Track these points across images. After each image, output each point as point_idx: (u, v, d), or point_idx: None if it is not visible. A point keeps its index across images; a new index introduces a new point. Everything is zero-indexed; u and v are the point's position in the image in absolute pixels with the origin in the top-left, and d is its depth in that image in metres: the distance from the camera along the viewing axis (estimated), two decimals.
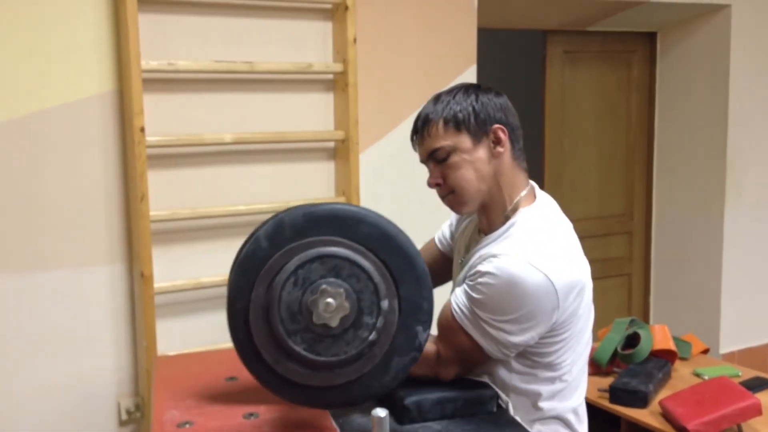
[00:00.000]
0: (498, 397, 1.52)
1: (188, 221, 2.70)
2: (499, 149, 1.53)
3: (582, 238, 1.61)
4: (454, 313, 1.48)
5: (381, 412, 1.15)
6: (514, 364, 1.50)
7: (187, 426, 1.47)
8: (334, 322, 1.29)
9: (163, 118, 2.63)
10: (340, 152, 2.91)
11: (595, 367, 2.66)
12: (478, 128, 1.52)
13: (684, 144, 4.22)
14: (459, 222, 1.81)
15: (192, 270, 2.71)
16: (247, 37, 2.76)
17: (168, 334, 2.68)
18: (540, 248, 1.44)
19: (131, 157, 2.53)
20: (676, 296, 4.35)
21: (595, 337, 2.80)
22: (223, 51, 2.72)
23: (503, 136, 1.53)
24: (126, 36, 2.46)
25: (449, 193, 1.55)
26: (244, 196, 2.79)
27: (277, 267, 1.31)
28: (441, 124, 1.52)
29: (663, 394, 2.50)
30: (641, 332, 2.69)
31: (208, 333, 2.77)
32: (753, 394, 2.31)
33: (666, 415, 2.35)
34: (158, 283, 2.59)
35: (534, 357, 1.49)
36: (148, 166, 2.53)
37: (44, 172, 2.52)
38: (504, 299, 1.41)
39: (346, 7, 2.78)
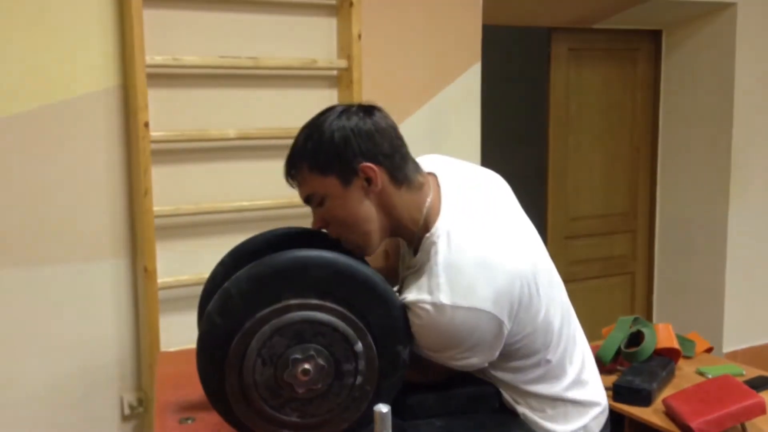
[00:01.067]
0: (500, 394, 1.51)
1: (192, 216, 2.70)
2: (375, 188, 1.38)
3: (586, 236, 1.59)
4: (416, 349, 1.41)
5: (383, 408, 1.14)
6: (496, 361, 1.44)
7: (189, 422, 1.48)
8: (317, 384, 1.27)
9: (167, 114, 2.63)
10: None
11: (599, 365, 2.65)
12: (346, 170, 1.37)
13: (688, 142, 4.21)
14: None
15: (195, 265, 2.71)
16: (251, 32, 2.76)
17: (171, 329, 2.67)
18: (462, 277, 1.33)
19: (135, 152, 2.53)
20: (679, 295, 4.34)
21: (599, 335, 2.80)
22: (227, 46, 2.72)
23: (373, 174, 1.37)
24: (131, 31, 2.46)
25: (345, 242, 1.43)
26: (248, 191, 2.79)
27: (240, 353, 1.26)
28: (306, 169, 1.39)
29: (667, 392, 2.49)
30: (645, 330, 2.68)
31: None
32: (757, 393, 2.30)
33: (670, 414, 2.34)
34: (161, 279, 2.59)
35: (505, 354, 1.43)
36: (152, 161, 2.53)
37: (48, 167, 2.53)
38: (448, 343, 1.35)
39: (351, 3, 2.78)
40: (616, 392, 2.46)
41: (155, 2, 2.58)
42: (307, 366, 1.26)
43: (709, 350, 2.98)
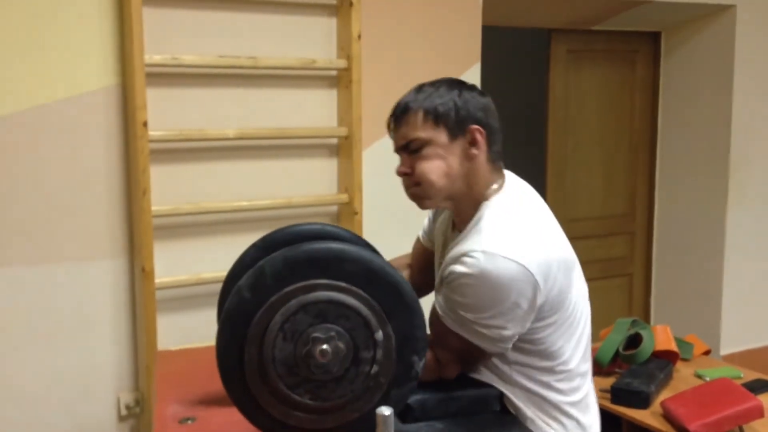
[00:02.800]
0: (502, 396, 1.51)
1: (190, 216, 2.70)
2: (474, 151, 1.49)
3: (584, 237, 1.60)
4: (443, 318, 1.46)
5: (386, 410, 1.14)
6: (511, 356, 1.48)
7: (189, 422, 1.47)
8: (334, 367, 1.28)
9: (166, 113, 2.63)
10: (343, 149, 2.90)
11: (597, 368, 2.65)
12: (457, 125, 1.48)
13: (687, 144, 4.21)
14: (435, 215, 1.79)
15: (193, 265, 2.71)
16: (251, 32, 2.76)
17: (168, 329, 2.67)
18: (507, 236, 1.41)
19: (134, 152, 2.53)
20: (677, 297, 4.34)
21: (597, 337, 2.80)
22: (226, 46, 2.71)
23: (480, 138, 1.49)
24: (130, 30, 2.46)
25: (414, 185, 1.52)
26: (246, 191, 2.78)
27: (263, 325, 1.28)
28: (421, 114, 1.49)
29: (665, 394, 2.50)
30: (643, 333, 2.68)
31: (209, 328, 2.74)
32: (755, 396, 2.30)
33: (667, 416, 2.34)
34: (159, 278, 2.59)
35: (527, 344, 1.47)
36: (151, 161, 2.53)
37: (46, 166, 2.52)
38: (484, 297, 1.39)
39: (351, 3, 2.78)
40: (614, 394, 2.46)
41: (154, 1, 2.58)
42: (326, 347, 1.26)
43: (707, 353, 2.98)
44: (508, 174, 1.59)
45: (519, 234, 1.43)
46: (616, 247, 4.42)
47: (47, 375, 2.59)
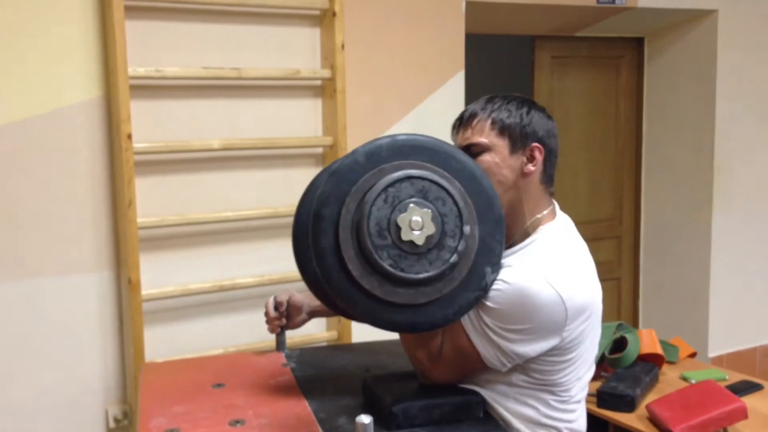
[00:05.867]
0: (485, 403, 1.52)
1: (176, 228, 2.70)
2: (530, 167, 1.54)
3: None
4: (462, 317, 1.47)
5: (365, 419, 1.15)
6: (514, 379, 1.49)
7: None
8: (420, 241, 1.34)
9: (150, 125, 2.63)
10: (329, 158, 2.91)
11: None
12: (520, 140, 1.53)
13: (672, 148, 4.24)
14: None
15: (180, 276, 2.71)
16: (234, 43, 2.77)
17: (156, 341, 2.67)
18: (557, 266, 1.45)
19: (119, 164, 2.53)
20: (665, 300, 4.36)
21: None
22: (210, 57, 2.72)
23: (538, 156, 1.54)
24: (113, 43, 2.46)
25: None
26: (232, 202, 2.79)
27: (369, 184, 1.36)
28: (488, 122, 1.54)
29: (650, 398, 2.51)
30: (628, 336, 2.69)
31: (197, 340, 2.76)
32: (739, 398, 2.32)
33: (653, 419, 2.36)
34: (146, 290, 2.59)
35: (536, 374, 1.48)
36: (136, 173, 2.53)
37: (31, 179, 2.52)
38: (513, 309, 1.41)
39: (334, 13, 2.79)
40: (600, 398, 2.48)
41: (138, 13, 2.58)
42: (418, 218, 1.34)
43: (693, 355, 3.00)
44: (556, 205, 1.63)
45: (567, 268, 1.46)
46: (603, 251, 4.43)
47: (35, 388, 2.58)
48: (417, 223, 1.34)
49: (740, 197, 4.10)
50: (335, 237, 1.36)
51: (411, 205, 1.34)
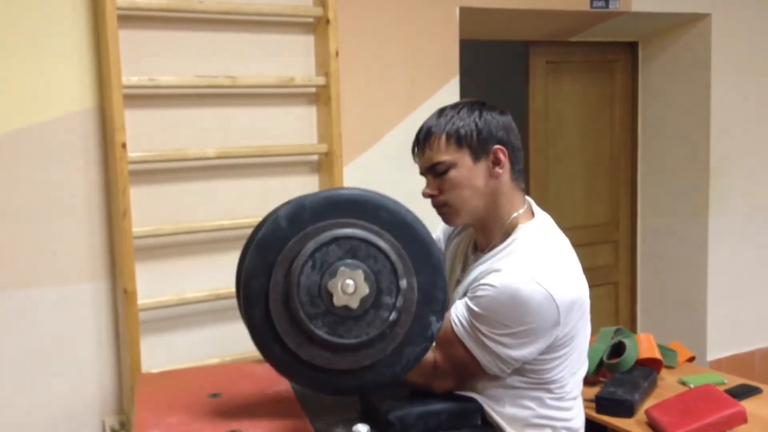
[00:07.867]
0: (482, 410, 1.51)
1: (171, 237, 2.69)
2: (498, 170, 1.54)
3: None
4: (453, 325, 1.48)
5: (362, 428, 1.15)
6: (510, 381, 1.49)
7: None
8: (355, 304, 1.30)
9: (145, 134, 2.63)
10: (324, 165, 2.91)
11: None
12: (480, 146, 1.53)
13: (667, 152, 4.24)
14: (448, 240, 1.79)
15: (176, 286, 2.70)
16: (228, 51, 2.76)
17: (152, 350, 2.66)
18: (543, 265, 1.45)
19: (113, 173, 2.52)
20: (663, 304, 4.36)
21: None
22: (204, 66, 2.72)
23: (503, 158, 1.54)
24: (106, 52, 2.46)
25: (442, 205, 1.57)
26: (227, 210, 2.78)
27: (294, 251, 1.31)
28: (443, 138, 1.53)
29: (649, 403, 2.50)
30: (626, 341, 2.69)
31: (193, 349, 2.75)
32: (738, 402, 2.31)
33: (652, 424, 2.35)
34: (142, 300, 2.57)
35: (531, 374, 1.49)
36: (131, 182, 2.52)
37: (26, 189, 2.51)
38: (505, 314, 1.41)
39: (328, 21, 2.79)
40: (599, 404, 2.47)
41: (131, 23, 2.58)
42: (351, 281, 1.30)
43: (692, 359, 2.99)
44: (531, 201, 1.64)
45: (553, 265, 1.47)
46: (601, 255, 4.43)
47: (31, 399, 2.56)
48: (349, 286, 1.30)
49: (736, 200, 4.10)
50: (266, 310, 1.32)
51: (341, 268, 1.30)
